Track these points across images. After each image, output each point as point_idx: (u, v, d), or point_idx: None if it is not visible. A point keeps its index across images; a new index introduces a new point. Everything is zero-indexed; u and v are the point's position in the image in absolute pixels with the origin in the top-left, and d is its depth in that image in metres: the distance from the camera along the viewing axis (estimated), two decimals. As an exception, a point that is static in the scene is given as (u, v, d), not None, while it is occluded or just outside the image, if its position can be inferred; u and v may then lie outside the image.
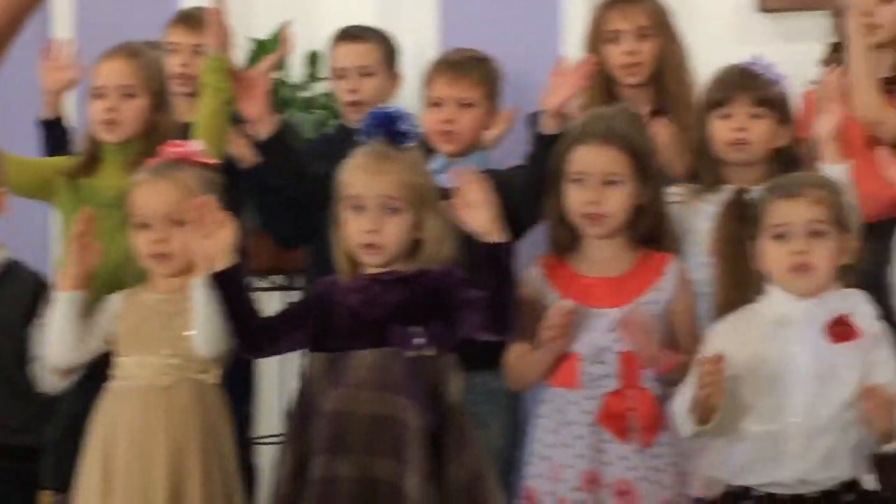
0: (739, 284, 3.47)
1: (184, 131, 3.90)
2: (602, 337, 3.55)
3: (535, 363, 3.56)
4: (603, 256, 3.61)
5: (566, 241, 3.64)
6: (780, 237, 3.36)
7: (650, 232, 3.62)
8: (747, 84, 3.81)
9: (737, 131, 3.78)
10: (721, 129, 3.81)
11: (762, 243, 3.39)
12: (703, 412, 3.26)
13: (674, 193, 3.80)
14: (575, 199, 3.58)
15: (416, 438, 3.29)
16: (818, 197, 3.35)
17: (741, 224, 3.47)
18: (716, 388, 3.22)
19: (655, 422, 3.50)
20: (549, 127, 3.78)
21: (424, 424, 3.31)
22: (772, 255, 3.37)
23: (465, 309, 3.34)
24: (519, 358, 3.60)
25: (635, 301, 3.54)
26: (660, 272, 3.58)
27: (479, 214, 3.33)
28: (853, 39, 3.94)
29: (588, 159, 3.57)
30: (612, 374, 3.53)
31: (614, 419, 3.50)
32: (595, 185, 3.56)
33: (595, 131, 3.59)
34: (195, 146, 3.71)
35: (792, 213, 3.35)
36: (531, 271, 3.65)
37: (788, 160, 3.79)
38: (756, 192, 3.50)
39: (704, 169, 3.85)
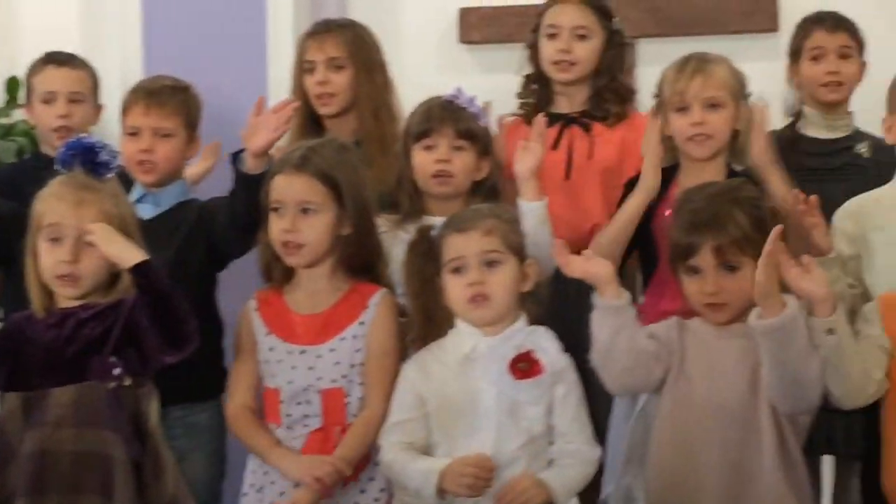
0: (430, 320, 3.50)
1: None
2: (304, 375, 3.55)
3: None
4: (313, 289, 3.61)
5: (279, 274, 3.63)
6: (456, 270, 3.40)
7: (360, 263, 3.62)
8: (450, 116, 3.85)
9: (441, 163, 3.82)
10: (424, 161, 3.84)
11: (445, 278, 3.43)
12: None
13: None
14: (274, 227, 3.58)
15: (122, 472, 3.24)
16: (489, 227, 3.40)
17: (427, 260, 3.49)
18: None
19: (362, 458, 3.51)
20: (251, 167, 3.76)
21: (129, 456, 3.26)
22: (451, 289, 3.42)
23: (145, 334, 3.28)
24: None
25: (337, 338, 3.55)
26: (364, 305, 3.59)
27: (110, 246, 3.26)
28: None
29: (284, 187, 3.57)
30: (316, 412, 3.53)
31: None
32: (292, 213, 3.55)
33: (291, 160, 3.59)
34: None
35: (464, 246, 3.39)
36: (248, 305, 3.65)
37: (488, 193, 3.84)
38: (438, 228, 3.53)
39: (406, 199, 3.88)
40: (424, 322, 3.52)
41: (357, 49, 4.23)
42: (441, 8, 4.97)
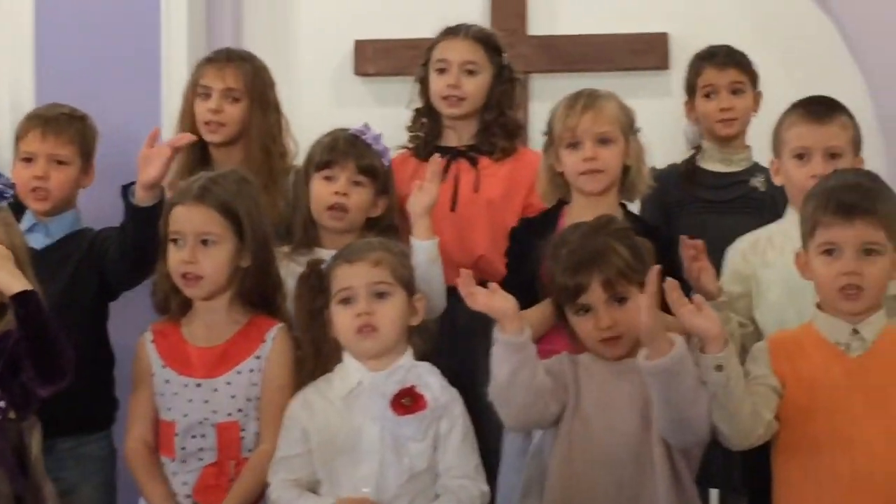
0: (320, 354, 3.50)
1: None
2: (200, 409, 3.53)
3: None
4: (210, 321, 3.59)
5: (176, 307, 3.61)
6: (345, 301, 3.41)
7: (258, 295, 3.61)
8: (354, 151, 3.85)
9: (338, 195, 3.82)
10: (322, 191, 3.84)
11: (333, 310, 3.43)
12: None
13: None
14: (173, 259, 3.56)
15: (4, 505, 3.20)
16: (378, 258, 3.42)
17: (317, 293, 3.49)
18: None
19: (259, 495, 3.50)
20: (141, 199, 3.74)
21: (12, 489, 3.22)
22: (339, 320, 3.42)
23: (24, 366, 3.23)
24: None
25: (233, 371, 3.54)
26: (262, 338, 3.58)
27: None
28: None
29: (183, 218, 3.56)
30: (211, 446, 3.52)
31: (211, 492, 3.49)
32: (191, 244, 3.54)
33: (191, 191, 3.58)
34: None
35: (353, 276, 3.40)
36: (143, 337, 3.63)
37: (382, 232, 3.82)
38: (327, 262, 3.52)
39: (300, 229, 3.88)
40: (314, 355, 3.52)
41: (254, 84, 4.22)
42: (336, 40, 4.97)
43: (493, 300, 3.31)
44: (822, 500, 3.25)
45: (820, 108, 3.76)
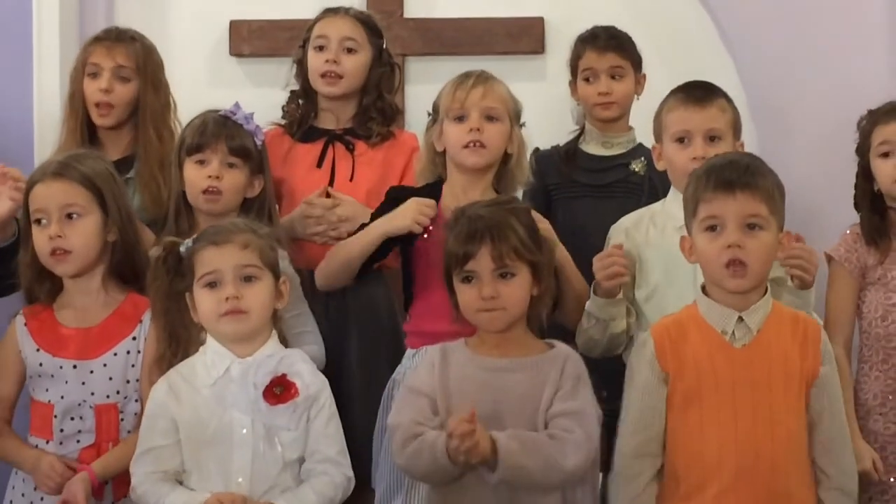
0: (175, 339, 3.45)
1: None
2: (78, 391, 3.49)
3: None
4: (84, 303, 3.55)
5: (44, 293, 3.57)
6: (211, 285, 3.35)
7: (129, 271, 3.58)
8: (225, 132, 3.81)
9: (211, 179, 3.78)
10: (195, 176, 3.80)
11: (197, 293, 3.37)
12: None
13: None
14: (39, 238, 3.51)
15: None
16: (246, 241, 3.37)
17: (175, 276, 3.42)
18: None
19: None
20: None
21: None
22: (204, 304, 3.36)
23: None
24: None
25: (110, 352, 3.49)
26: (138, 319, 3.55)
27: None
28: None
29: (45, 195, 3.53)
30: (89, 428, 3.48)
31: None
32: (56, 219, 3.50)
33: (48, 169, 3.55)
34: None
35: (220, 259, 3.34)
36: (15, 321, 3.57)
37: (258, 211, 3.82)
38: (187, 244, 3.45)
39: (174, 214, 3.84)
40: (168, 341, 3.46)
41: (145, 63, 4.19)
42: (211, 20, 4.92)
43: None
44: (705, 489, 3.28)
45: (699, 92, 3.82)
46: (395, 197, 3.85)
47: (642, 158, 4.30)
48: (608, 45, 4.35)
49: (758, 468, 3.24)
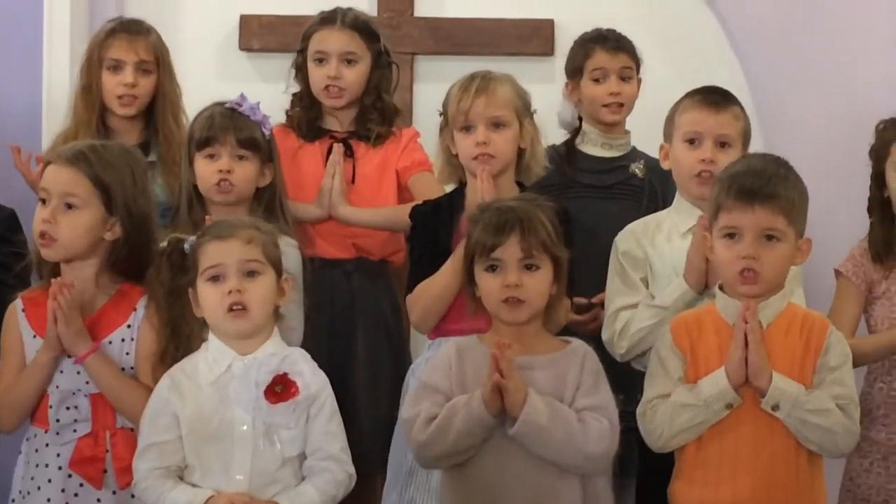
0: (177, 334, 3.44)
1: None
2: (73, 379, 3.47)
3: None
4: (78, 290, 3.49)
5: (46, 272, 3.54)
6: (214, 279, 3.34)
7: (131, 269, 3.54)
8: (232, 125, 3.82)
9: (222, 172, 3.79)
10: (206, 170, 3.81)
11: (200, 288, 3.36)
12: None
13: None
14: (36, 217, 3.50)
15: None
16: (250, 236, 3.35)
17: (179, 271, 3.41)
18: None
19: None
20: None
21: None
22: (208, 298, 3.35)
23: None
24: None
25: (105, 341, 3.49)
26: (132, 307, 3.52)
27: None
28: None
29: (52, 177, 3.51)
30: (85, 417, 3.46)
31: (87, 464, 3.45)
32: (54, 204, 3.48)
33: (66, 153, 3.53)
34: None
35: (224, 253, 3.33)
36: (14, 305, 3.55)
37: (269, 200, 3.84)
38: (191, 240, 3.43)
39: (186, 207, 3.85)
40: (170, 336, 3.46)
41: (163, 55, 4.23)
42: (222, 14, 4.93)
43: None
44: (708, 480, 3.32)
45: (716, 97, 3.83)
46: (422, 213, 3.88)
47: (641, 162, 4.31)
48: (619, 46, 4.35)
49: (758, 458, 3.29)
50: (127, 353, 3.51)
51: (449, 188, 3.98)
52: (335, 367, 3.63)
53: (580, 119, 4.41)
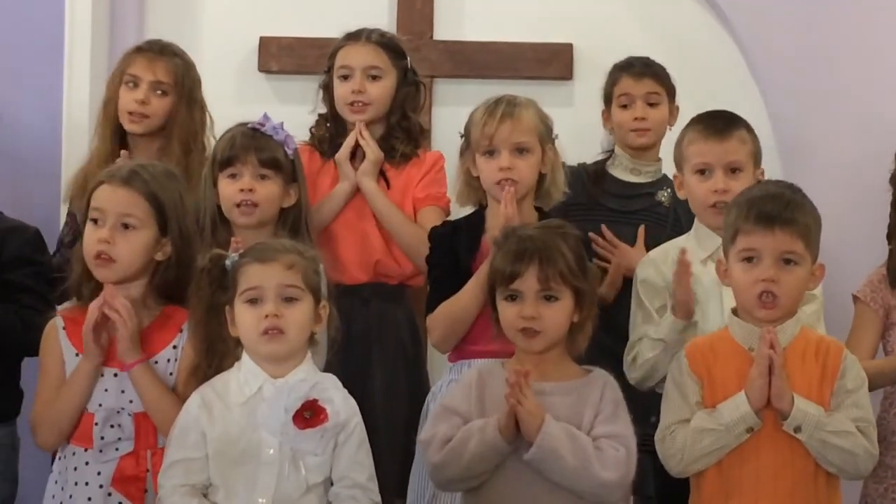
0: (212, 351, 3.42)
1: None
2: (117, 398, 3.47)
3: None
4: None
5: (87, 292, 3.52)
6: (252, 301, 3.32)
7: (175, 290, 3.53)
8: (254, 145, 3.82)
9: (244, 192, 3.79)
10: (228, 190, 3.81)
11: (238, 308, 3.35)
12: None
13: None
14: (90, 237, 3.49)
15: None
16: (291, 262, 3.34)
17: (217, 288, 3.39)
18: None
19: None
20: None
21: None
22: (245, 320, 3.34)
23: None
24: None
25: (151, 360, 3.48)
26: (178, 328, 3.52)
27: None
28: None
29: (107, 197, 3.50)
30: (128, 436, 3.45)
31: (129, 483, 3.44)
32: (111, 224, 3.47)
33: (119, 173, 3.52)
34: None
35: (264, 276, 3.32)
36: (54, 323, 3.54)
37: (294, 220, 3.84)
38: (233, 258, 3.42)
39: (209, 228, 3.84)
40: (205, 353, 3.44)
41: (184, 80, 4.23)
42: (241, 36, 4.94)
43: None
44: (728, 496, 3.32)
45: (719, 123, 3.85)
46: (441, 234, 3.89)
47: (668, 190, 4.31)
48: (645, 71, 4.38)
49: (778, 481, 3.30)
50: (171, 374, 3.51)
51: (467, 211, 3.99)
52: (351, 394, 3.62)
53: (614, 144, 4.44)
